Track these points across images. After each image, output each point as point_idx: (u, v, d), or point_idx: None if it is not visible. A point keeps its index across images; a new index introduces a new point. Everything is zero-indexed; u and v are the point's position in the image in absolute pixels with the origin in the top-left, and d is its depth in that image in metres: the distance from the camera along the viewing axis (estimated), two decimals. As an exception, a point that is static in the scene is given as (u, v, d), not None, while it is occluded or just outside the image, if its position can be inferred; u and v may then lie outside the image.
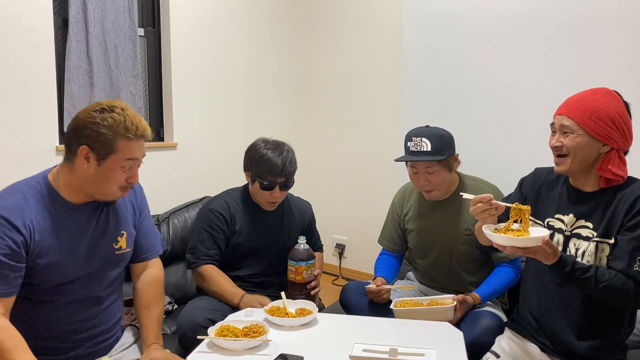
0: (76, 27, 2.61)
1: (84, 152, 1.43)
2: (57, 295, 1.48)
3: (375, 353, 1.43)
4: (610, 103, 1.49)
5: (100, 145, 1.42)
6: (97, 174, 1.45)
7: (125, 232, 1.62)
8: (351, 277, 3.71)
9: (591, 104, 1.49)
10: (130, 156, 1.46)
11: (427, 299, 1.92)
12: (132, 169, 1.49)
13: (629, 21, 2.44)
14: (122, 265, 1.64)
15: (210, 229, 2.09)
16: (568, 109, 1.52)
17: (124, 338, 1.68)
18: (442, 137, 1.98)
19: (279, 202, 2.14)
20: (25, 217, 1.40)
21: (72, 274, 1.48)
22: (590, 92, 1.53)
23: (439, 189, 2.02)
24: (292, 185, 2.12)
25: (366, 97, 3.61)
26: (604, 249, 1.50)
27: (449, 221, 2.06)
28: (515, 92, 2.82)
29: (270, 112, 3.72)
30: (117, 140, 1.42)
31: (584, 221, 1.55)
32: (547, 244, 1.41)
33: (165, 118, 3.15)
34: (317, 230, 2.39)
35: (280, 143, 2.12)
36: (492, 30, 2.88)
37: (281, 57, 3.76)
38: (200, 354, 1.47)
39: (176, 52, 3.07)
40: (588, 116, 1.48)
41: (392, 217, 2.26)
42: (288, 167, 2.05)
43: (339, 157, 3.80)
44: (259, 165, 2.04)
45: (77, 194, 1.50)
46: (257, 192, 2.09)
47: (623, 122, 1.49)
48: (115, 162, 1.44)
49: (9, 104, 2.41)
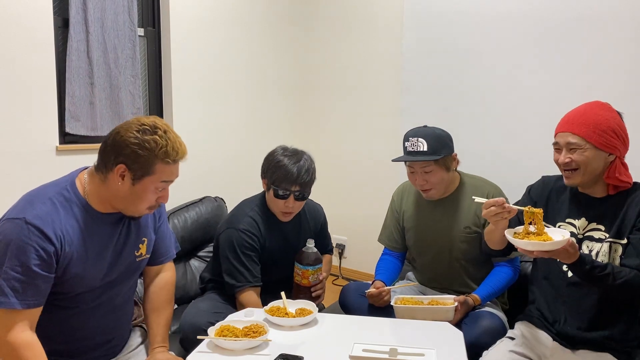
0: (76, 27, 2.61)
1: (121, 171, 1.41)
2: (79, 302, 1.48)
3: (375, 353, 1.43)
4: (609, 115, 1.58)
5: (138, 167, 1.40)
6: (130, 193, 1.43)
7: (147, 238, 1.62)
8: (351, 277, 3.70)
9: (593, 118, 1.57)
10: (165, 179, 1.45)
11: (427, 298, 1.92)
12: (164, 190, 1.48)
13: (629, 21, 2.44)
14: (140, 270, 1.65)
15: (247, 249, 1.99)
16: (571, 126, 1.59)
17: (131, 339, 1.69)
18: (439, 136, 1.99)
19: (294, 212, 2.05)
20: (56, 227, 1.37)
21: (96, 282, 1.48)
22: (587, 106, 1.62)
23: (436, 188, 2.02)
24: (308, 196, 2.05)
25: (367, 97, 3.61)
26: (617, 249, 1.57)
27: (448, 220, 2.06)
28: (516, 92, 2.82)
29: (270, 112, 3.72)
30: (156, 163, 1.41)
31: (595, 224, 1.62)
32: (571, 246, 1.47)
33: (165, 118, 3.15)
34: (328, 233, 2.35)
35: (300, 152, 2.05)
36: (492, 29, 2.88)
37: (281, 57, 3.76)
38: (200, 354, 1.47)
39: (176, 52, 3.07)
40: (592, 130, 1.56)
41: (391, 215, 2.26)
42: (304, 176, 1.97)
43: (339, 157, 3.80)
44: (274, 172, 1.98)
45: (105, 205, 1.48)
46: (272, 200, 2.02)
47: (622, 131, 1.59)
48: (150, 184, 1.43)
49: (9, 103, 2.41)
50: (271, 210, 2.08)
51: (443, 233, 2.07)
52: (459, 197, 2.07)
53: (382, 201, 2.77)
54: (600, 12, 2.52)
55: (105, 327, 1.55)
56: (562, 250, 1.46)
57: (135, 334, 1.72)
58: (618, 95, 2.52)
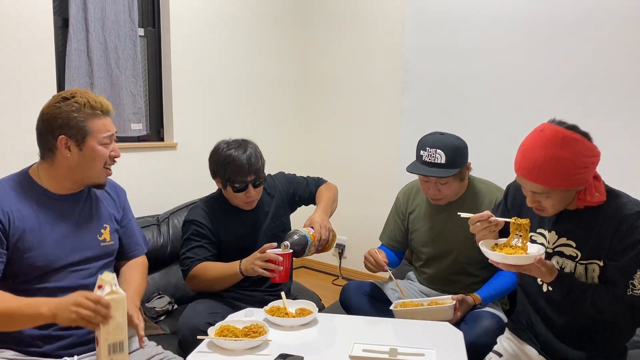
0: (76, 27, 2.61)
1: (64, 142, 1.47)
2: (44, 283, 1.48)
3: (375, 353, 1.43)
4: (569, 153, 1.37)
5: (76, 131, 1.47)
6: (81, 158, 1.50)
7: (108, 225, 1.65)
8: (351, 277, 3.70)
9: (553, 165, 1.38)
10: (105, 133, 1.51)
11: (427, 299, 1.92)
12: (111, 144, 1.55)
13: (629, 21, 2.44)
14: (109, 259, 1.65)
15: (197, 238, 2.02)
16: (532, 175, 1.41)
17: None
18: (457, 148, 1.94)
19: (256, 199, 2.06)
20: (4, 204, 1.44)
21: (56, 262, 1.50)
22: (543, 149, 1.38)
23: (447, 197, 2.01)
24: (264, 180, 2.04)
25: (367, 98, 3.61)
26: (594, 269, 1.48)
27: (455, 223, 2.03)
28: (517, 92, 2.82)
29: (270, 112, 3.72)
30: (88, 120, 1.48)
31: (565, 239, 1.52)
32: (540, 262, 1.41)
33: (165, 118, 3.15)
34: (302, 177, 2.28)
35: (243, 141, 2.04)
36: (493, 29, 2.88)
37: (281, 57, 3.76)
38: (200, 354, 1.47)
39: (176, 52, 3.08)
40: (557, 177, 1.39)
41: (395, 214, 2.24)
42: (255, 163, 1.97)
43: (339, 157, 3.80)
44: (225, 168, 1.96)
45: (62, 185, 1.54)
46: (232, 196, 2.02)
47: (589, 159, 1.40)
48: (94, 142, 1.50)
49: (9, 103, 2.41)
50: (232, 204, 2.08)
51: (449, 236, 2.05)
52: (468, 201, 2.05)
53: (382, 201, 2.77)
54: (600, 12, 2.52)
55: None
56: (532, 267, 1.41)
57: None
58: (618, 95, 2.53)
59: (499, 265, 1.46)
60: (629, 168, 2.48)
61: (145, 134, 3.05)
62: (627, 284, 1.40)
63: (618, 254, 1.42)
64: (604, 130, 2.58)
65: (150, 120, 3.12)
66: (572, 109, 2.65)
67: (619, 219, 1.42)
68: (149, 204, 2.68)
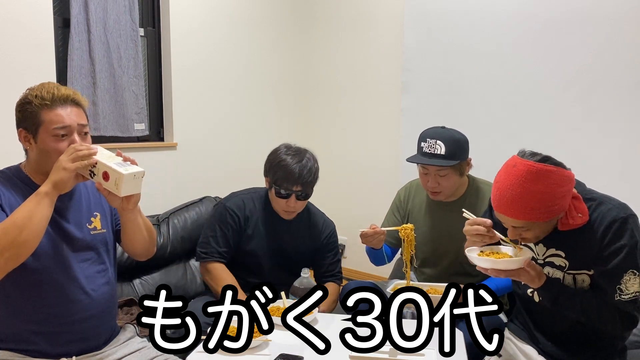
0: (78, 27, 2.61)
1: (23, 135, 1.48)
2: (41, 275, 1.47)
3: (375, 353, 1.42)
4: (545, 186, 1.35)
5: (29, 123, 1.46)
6: (39, 151, 1.48)
7: (99, 213, 1.61)
8: (351, 277, 3.70)
9: (530, 200, 1.36)
10: (57, 124, 1.45)
11: (426, 285, 1.91)
12: (69, 137, 1.47)
13: (630, 21, 2.44)
14: (102, 248, 1.61)
15: (224, 226, 2.05)
16: (510, 211, 1.39)
17: (120, 334, 1.68)
18: (458, 141, 1.96)
19: (296, 211, 2.06)
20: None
21: (49, 252, 1.47)
22: (518, 185, 1.36)
23: (446, 191, 2.01)
24: (310, 195, 2.04)
25: (367, 97, 3.61)
26: (584, 279, 1.48)
27: (456, 222, 2.02)
28: (518, 92, 2.82)
29: (270, 112, 3.72)
30: (39, 111, 1.45)
31: (554, 250, 1.52)
32: (530, 266, 1.41)
33: (165, 118, 3.15)
34: (335, 257, 2.20)
35: (303, 150, 2.04)
36: (493, 29, 2.88)
37: (281, 57, 3.76)
38: (201, 354, 1.47)
39: (176, 52, 3.07)
40: (535, 211, 1.37)
41: (395, 211, 2.24)
42: (306, 175, 1.97)
43: (339, 156, 3.79)
44: (276, 171, 1.98)
45: (41, 178, 1.50)
46: (274, 199, 2.04)
47: (564, 188, 1.38)
48: (45, 134, 1.45)
49: (9, 103, 2.41)
50: (273, 208, 2.08)
51: (450, 235, 2.05)
52: (469, 200, 2.05)
53: (382, 201, 2.77)
54: (600, 12, 2.52)
55: (75, 306, 1.51)
56: (522, 272, 1.41)
57: (125, 331, 1.70)
58: (618, 95, 2.53)
59: (487, 272, 1.45)
60: (629, 168, 2.48)
61: (146, 134, 3.05)
62: (615, 289, 1.40)
63: (605, 259, 1.41)
64: (604, 130, 2.59)
65: (150, 120, 3.12)
66: (572, 109, 2.65)
67: (605, 225, 1.41)
68: (149, 203, 2.66)
